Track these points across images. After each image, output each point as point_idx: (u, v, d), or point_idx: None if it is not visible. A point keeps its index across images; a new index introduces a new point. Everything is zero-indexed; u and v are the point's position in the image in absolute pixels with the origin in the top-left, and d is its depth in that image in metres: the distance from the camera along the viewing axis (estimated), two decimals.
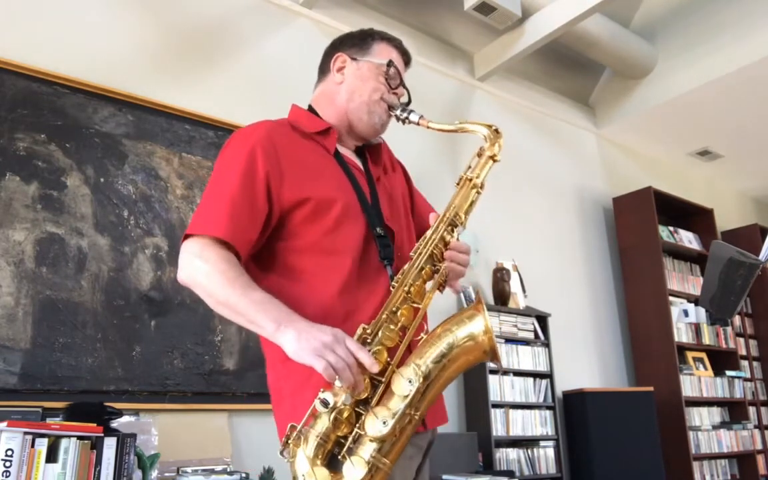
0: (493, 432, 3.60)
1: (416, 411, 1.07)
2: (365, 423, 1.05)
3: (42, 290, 2.50)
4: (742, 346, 5.47)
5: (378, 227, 1.28)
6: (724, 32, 4.57)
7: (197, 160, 3.03)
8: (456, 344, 1.11)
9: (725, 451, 4.86)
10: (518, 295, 4.08)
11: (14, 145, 2.56)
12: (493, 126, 1.35)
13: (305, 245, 1.23)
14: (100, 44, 2.91)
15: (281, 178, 1.23)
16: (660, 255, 4.81)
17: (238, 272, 1.15)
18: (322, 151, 1.33)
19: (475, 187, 1.29)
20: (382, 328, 1.13)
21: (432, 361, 1.10)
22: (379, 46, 1.42)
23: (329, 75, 1.43)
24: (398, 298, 1.16)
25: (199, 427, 2.71)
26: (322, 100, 1.42)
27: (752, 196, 6.83)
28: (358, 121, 1.38)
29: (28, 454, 1.85)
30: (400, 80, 1.42)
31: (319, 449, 1.04)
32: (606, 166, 5.37)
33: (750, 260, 1.46)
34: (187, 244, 1.19)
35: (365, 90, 1.37)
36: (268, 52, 3.49)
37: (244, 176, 1.20)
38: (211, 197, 1.23)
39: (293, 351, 1.07)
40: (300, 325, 1.08)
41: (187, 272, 1.18)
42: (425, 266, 1.20)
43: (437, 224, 1.24)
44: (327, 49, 1.48)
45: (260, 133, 1.27)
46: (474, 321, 1.13)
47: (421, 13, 4.20)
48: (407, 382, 1.07)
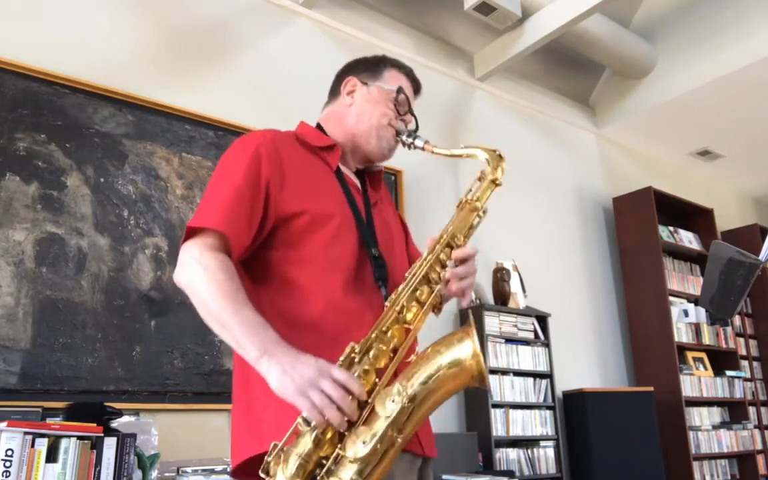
0: (493, 432, 3.60)
1: (399, 433, 1.04)
2: (347, 443, 1.02)
3: (42, 290, 2.50)
4: (742, 346, 5.46)
5: (373, 248, 1.28)
6: (724, 32, 4.57)
7: (197, 160, 3.03)
8: (444, 366, 1.08)
9: (725, 451, 4.86)
10: (518, 295, 4.08)
11: (14, 145, 2.56)
12: (496, 151, 1.34)
13: (303, 257, 1.22)
14: (100, 44, 2.91)
15: (282, 185, 1.23)
16: (660, 255, 4.81)
17: (234, 286, 1.13)
18: (324, 167, 1.34)
19: (476, 210, 1.28)
20: (371, 348, 1.11)
21: (419, 382, 1.07)
22: (390, 72, 1.44)
23: (339, 97, 1.44)
24: (389, 318, 1.14)
25: (199, 427, 2.72)
26: (331, 119, 1.44)
27: (752, 196, 6.83)
28: (366, 144, 1.39)
29: (28, 454, 1.85)
30: (409, 107, 1.43)
31: (299, 470, 1.01)
32: (606, 166, 5.37)
33: (750, 260, 1.46)
34: (188, 246, 1.18)
35: (374, 114, 1.39)
36: (268, 52, 3.49)
37: (246, 176, 1.20)
38: (213, 192, 1.23)
39: (277, 388, 1.04)
40: (285, 360, 1.05)
41: (186, 276, 1.16)
42: (419, 287, 1.18)
43: (434, 246, 1.23)
44: (339, 71, 1.49)
45: (266, 138, 1.27)
46: (463, 344, 1.10)
47: (421, 13, 4.20)
48: (391, 401, 1.04)
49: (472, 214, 1.28)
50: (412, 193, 3.78)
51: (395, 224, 1.47)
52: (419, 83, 1.49)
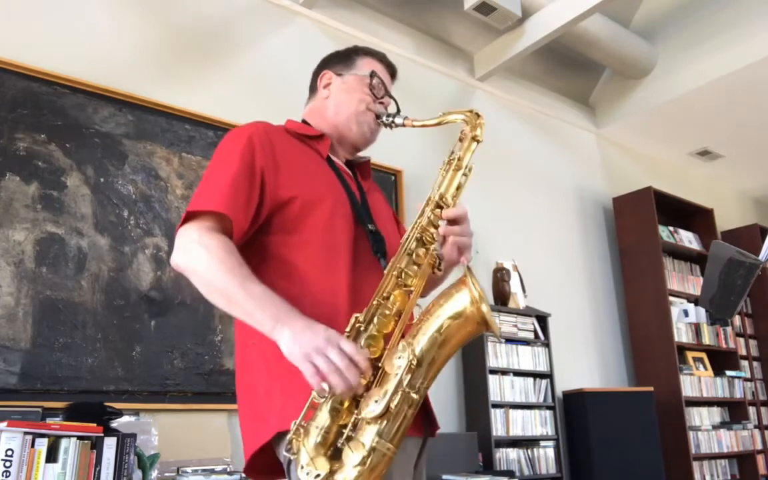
0: (493, 432, 3.60)
1: (413, 390, 1.05)
2: (362, 406, 1.04)
3: (42, 290, 2.50)
4: (742, 346, 5.46)
5: (369, 224, 1.30)
6: (724, 32, 4.57)
7: (197, 160, 3.03)
8: (447, 318, 1.09)
9: (725, 451, 4.86)
10: (518, 295, 4.08)
11: (14, 145, 2.56)
12: (472, 110, 1.36)
13: (300, 241, 1.24)
14: (100, 44, 2.91)
15: (275, 172, 1.25)
16: (660, 255, 4.81)
17: (237, 261, 1.13)
18: (314, 155, 1.36)
19: (460, 168, 1.28)
20: (375, 315, 1.12)
21: (425, 337, 1.08)
22: (362, 60, 1.47)
23: (317, 92, 1.49)
24: (389, 284, 1.16)
25: (199, 427, 2.71)
26: (313, 114, 1.47)
27: (752, 196, 6.83)
28: (348, 131, 1.42)
29: (28, 454, 1.85)
30: (385, 90, 1.45)
31: (321, 441, 1.03)
32: (606, 166, 5.37)
33: (750, 260, 1.46)
34: (185, 229, 1.18)
35: (351, 102, 1.42)
36: (268, 52, 3.49)
37: (242, 160, 1.22)
38: (211, 178, 1.24)
39: (287, 352, 1.06)
40: (296, 325, 1.07)
41: (185, 259, 1.16)
42: (415, 250, 1.19)
43: (423, 207, 1.24)
44: (315, 68, 1.53)
45: (257, 127, 1.30)
46: (461, 293, 1.10)
47: (421, 13, 4.20)
48: (397, 358, 1.06)
49: (457, 173, 1.28)
50: (412, 193, 3.78)
51: (386, 210, 1.49)
52: (394, 67, 1.51)
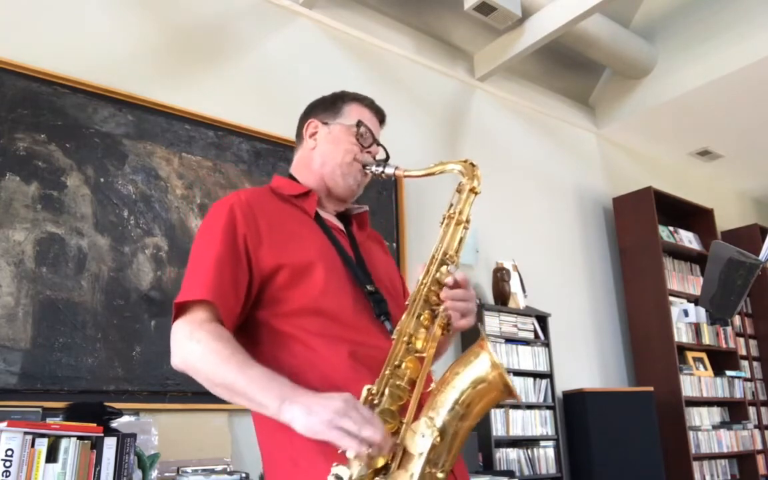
0: (493, 432, 3.60)
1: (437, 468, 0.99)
2: None
3: (42, 290, 2.50)
4: (742, 346, 5.46)
5: (368, 285, 1.25)
6: (723, 32, 4.57)
7: (197, 160, 3.03)
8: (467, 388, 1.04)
9: (725, 451, 4.86)
10: (518, 295, 4.08)
11: (14, 145, 2.56)
12: (467, 160, 1.34)
13: (292, 310, 1.19)
14: (100, 44, 2.91)
15: (259, 241, 1.20)
16: (660, 255, 4.81)
17: (232, 349, 1.09)
18: (301, 215, 1.31)
19: (460, 223, 1.26)
20: (387, 385, 1.07)
21: (446, 410, 1.02)
22: (349, 107, 1.42)
23: (303, 142, 1.44)
24: (400, 351, 1.11)
25: (199, 427, 2.71)
26: (300, 166, 1.43)
27: (752, 196, 6.83)
28: (335, 185, 1.37)
29: (28, 454, 1.85)
30: (373, 138, 1.41)
31: None
32: (606, 166, 5.37)
33: (750, 260, 1.46)
34: (177, 326, 1.14)
35: (338, 153, 1.37)
36: (268, 52, 3.49)
37: (224, 239, 1.18)
38: (194, 264, 1.20)
39: (304, 426, 1.00)
40: (307, 400, 1.01)
41: (180, 356, 1.13)
42: (422, 312, 1.15)
43: (428, 267, 1.20)
44: (302, 114, 1.48)
45: (239, 198, 1.25)
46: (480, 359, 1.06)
47: (421, 13, 4.20)
48: (421, 436, 1.00)
49: (458, 228, 1.26)
50: (412, 193, 3.78)
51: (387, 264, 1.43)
52: (382, 112, 1.47)
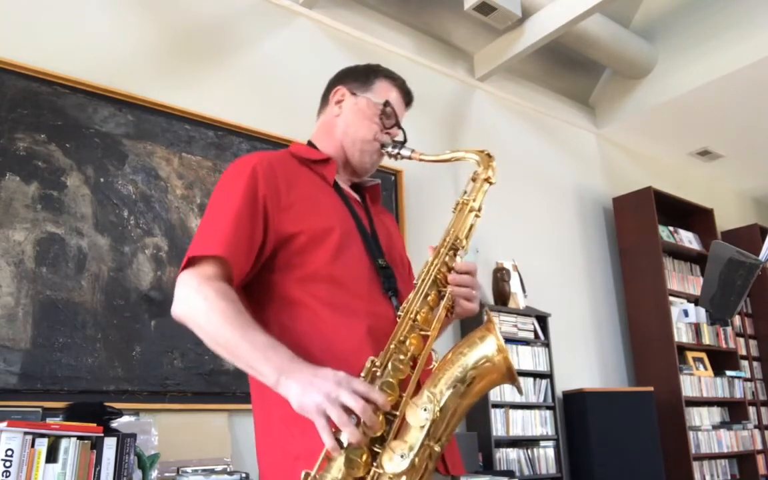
0: (493, 432, 3.60)
1: (436, 442, 1.01)
2: (383, 460, 0.99)
3: (42, 290, 2.50)
4: (742, 346, 5.47)
5: (379, 259, 1.26)
6: (724, 32, 4.57)
7: (197, 160, 3.03)
8: (470, 368, 1.06)
9: (725, 451, 4.86)
10: (518, 295, 4.08)
11: (14, 145, 2.56)
12: (485, 151, 1.35)
13: (307, 274, 1.19)
14: (100, 44, 2.91)
15: (279, 205, 1.21)
16: (660, 255, 4.81)
17: (237, 310, 1.10)
18: (320, 181, 1.32)
19: (473, 210, 1.28)
20: (391, 359, 1.08)
21: (447, 387, 1.04)
22: (380, 83, 1.42)
23: (328, 106, 1.44)
24: (405, 327, 1.12)
25: (199, 427, 2.71)
26: (321, 131, 1.43)
27: (752, 196, 6.83)
28: (351, 156, 1.39)
29: (28, 454, 1.85)
30: (396, 121, 1.41)
31: None
32: (606, 166, 5.37)
33: (750, 260, 1.46)
34: (184, 277, 1.14)
35: (360, 127, 1.38)
36: (268, 52, 3.49)
37: (245, 197, 1.18)
38: (212, 217, 1.20)
39: (297, 406, 1.01)
40: (303, 376, 1.02)
41: (184, 309, 1.14)
42: (430, 292, 1.17)
43: (438, 249, 1.22)
44: (332, 78, 1.47)
45: (261, 158, 1.25)
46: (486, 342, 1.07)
47: (421, 13, 4.20)
48: (422, 410, 1.01)
49: (470, 215, 1.28)
50: (412, 193, 3.78)
51: (398, 240, 1.45)
52: (411, 95, 1.47)
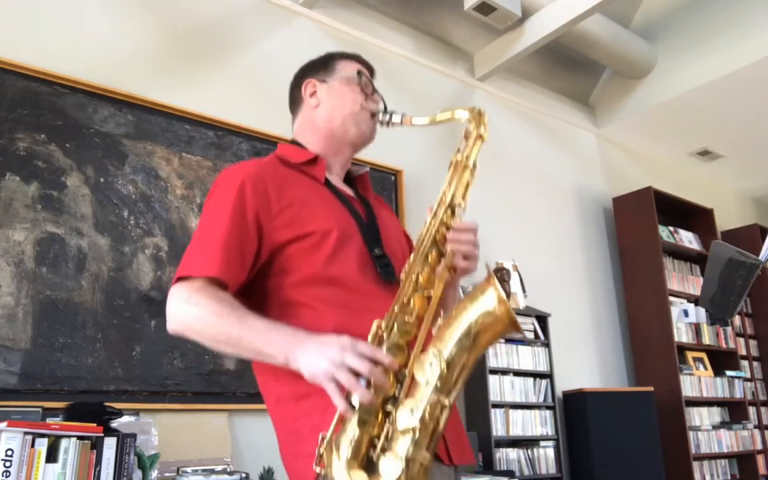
0: (493, 432, 3.60)
1: (446, 396, 1.03)
2: (394, 418, 1.02)
3: (42, 290, 2.50)
4: (742, 346, 5.46)
5: (376, 249, 1.27)
6: (724, 32, 4.57)
7: (197, 160, 3.03)
8: (474, 321, 1.07)
9: (725, 451, 4.86)
10: (518, 295, 4.08)
11: (14, 145, 2.56)
12: (475, 108, 1.34)
13: (301, 279, 1.20)
14: (100, 44, 2.91)
15: (271, 214, 1.21)
16: (660, 255, 4.81)
17: (231, 306, 1.12)
18: (311, 183, 1.31)
19: (467, 168, 1.27)
20: (396, 321, 1.10)
21: (453, 342, 1.06)
22: (341, 63, 1.43)
23: (303, 103, 1.43)
24: (408, 290, 1.14)
25: (199, 427, 2.71)
26: (304, 129, 1.42)
27: (752, 196, 6.83)
28: (345, 134, 1.38)
29: (28, 454, 1.85)
30: (373, 87, 1.42)
31: (353, 454, 1.00)
32: (606, 166, 5.37)
33: (750, 260, 1.46)
34: (175, 290, 1.15)
35: (345, 104, 1.38)
36: (268, 52, 3.49)
37: (234, 214, 1.18)
38: (201, 237, 1.20)
39: (309, 377, 1.04)
40: (308, 346, 1.05)
41: (178, 320, 1.15)
42: (430, 252, 1.17)
43: (436, 209, 1.22)
44: (292, 82, 1.47)
45: (249, 170, 1.25)
46: (486, 294, 1.09)
47: (421, 13, 4.20)
48: (429, 366, 1.04)
49: (465, 172, 1.27)
50: (412, 193, 3.78)
51: (394, 225, 1.46)
52: (371, 66, 1.48)
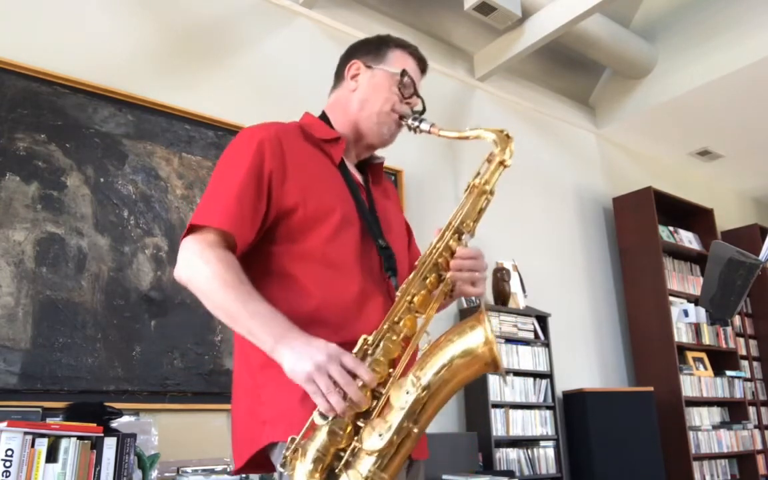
0: (493, 432, 3.60)
1: (415, 424, 1.03)
2: (362, 436, 1.02)
3: (42, 290, 2.50)
4: (742, 346, 5.47)
5: (380, 239, 1.27)
6: (723, 32, 4.57)
7: (197, 160, 3.03)
8: (457, 355, 1.07)
9: (725, 451, 4.87)
10: (518, 295, 4.08)
11: (14, 145, 2.56)
12: (504, 131, 1.30)
13: (303, 252, 1.21)
14: (100, 44, 2.91)
15: (284, 178, 1.22)
16: (660, 255, 4.81)
17: (238, 278, 1.13)
18: (326, 161, 1.32)
19: (485, 193, 1.24)
20: (383, 338, 1.10)
21: (433, 372, 1.06)
22: (394, 53, 1.41)
23: (344, 82, 1.42)
24: (401, 308, 1.13)
25: (199, 427, 2.72)
26: (336, 107, 1.41)
27: (752, 196, 6.83)
28: (368, 130, 1.37)
29: (28, 454, 1.86)
30: (414, 89, 1.39)
31: (317, 463, 1.01)
32: (606, 166, 5.37)
33: (750, 260, 1.46)
34: (188, 241, 1.17)
35: (378, 100, 1.36)
36: (268, 52, 3.49)
37: (250, 170, 1.20)
38: (217, 187, 1.22)
39: (289, 372, 1.05)
40: (297, 344, 1.06)
41: (186, 272, 1.16)
42: (429, 275, 1.17)
43: (443, 232, 1.21)
44: (343, 54, 1.46)
45: (270, 131, 1.26)
46: (475, 331, 1.08)
47: (421, 13, 4.20)
48: (405, 393, 1.04)
49: (481, 198, 1.24)
50: (412, 192, 3.78)
51: (397, 222, 1.45)
52: (425, 61, 1.46)
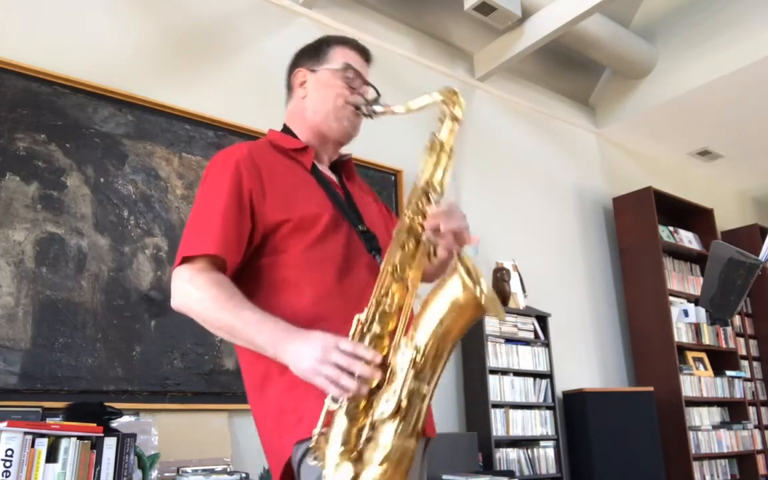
0: (493, 432, 3.60)
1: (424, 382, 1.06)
2: (374, 407, 1.06)
3: (42, 290, 2.50)
4: (742, 346, 5.47)
5: (360, 225, 1.30)
6: (723, 32, 4.57)
7: (197, 160, 3.03)
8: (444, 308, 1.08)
9: (725, 451, 4.86)
10: (518, 295, 4.08)
11: (14, 145, 2.56)
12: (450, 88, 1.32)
13: (290, 259, 1.24)
14: (100, 44, 2.91)
15: (263, 196, 1.25)
16: (660, 255, 4.81)
17: (229, 293, 1.16)
18: (300, 169, 1.35)
19: (443, 151, 1.26)
20: (376, 313, 1.13)
21: (424, 330, 1.08)
22: (334, 50, 1.43)
23: (294, 92, 1.45)
24: (385, 280, 1.15)
25: (199, 427, 2.71)
26: (294, 118, 1.44)
27: (752, 196, 6.83)
28: (329, 130, 1.39)
29: (28, 454, 1.85)
30: (362, 79, 1.41)
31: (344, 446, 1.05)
32: (606, 166, 5.37)
33: (750, 260, 1.46)
34: (179, 270, 1.20)
35: (329, 98, 1.38)
36: (268, 52, 3.49)
37: (231, 192, 1.22)
38: (201, 214, 1.25)
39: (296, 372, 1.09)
40: (294, 343, 1.09)
41: (179, 299, 1.20)
42: (408, 242, 1.19)
43: (410, 197, 1.23)
44: (288, 66, 1.49)
45: (242, 151, 1.28)
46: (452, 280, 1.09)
47: (421, 13, 4.20)
48: (401, 355, 1.07)
49: (441, 157, 1.26)
50: None
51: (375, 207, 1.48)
52: (368, 51, 1.47)
